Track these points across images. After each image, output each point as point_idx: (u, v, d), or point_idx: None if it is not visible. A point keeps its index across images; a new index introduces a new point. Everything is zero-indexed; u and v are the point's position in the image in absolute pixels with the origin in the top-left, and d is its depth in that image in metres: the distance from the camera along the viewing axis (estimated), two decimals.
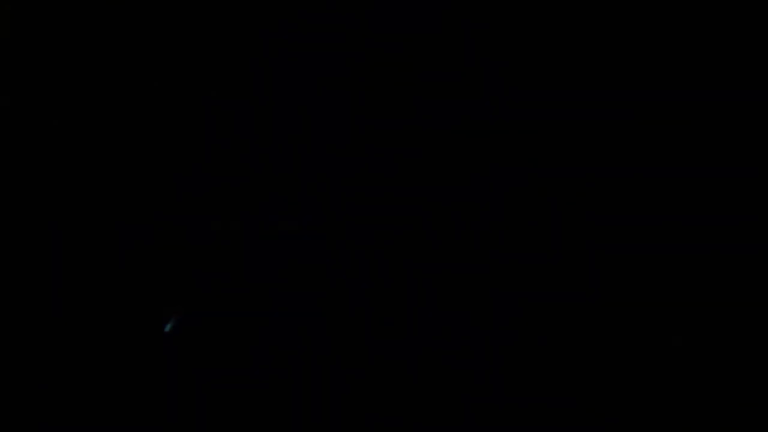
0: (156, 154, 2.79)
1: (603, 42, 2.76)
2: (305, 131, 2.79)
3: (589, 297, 2.68)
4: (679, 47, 2.75)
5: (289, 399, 2.67)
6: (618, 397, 2.62)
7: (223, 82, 2.80)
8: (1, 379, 2.67)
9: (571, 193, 2.72)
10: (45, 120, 2.80)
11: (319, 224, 2.75)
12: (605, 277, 2.68)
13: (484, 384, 2.64)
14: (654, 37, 2.75)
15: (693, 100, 2.72)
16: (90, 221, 2.75)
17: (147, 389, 2.67)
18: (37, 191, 2.77)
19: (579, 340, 2.66)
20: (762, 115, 2.72)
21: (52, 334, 2.70)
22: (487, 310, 2.68)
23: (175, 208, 2.77)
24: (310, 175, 2.77)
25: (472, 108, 2.76)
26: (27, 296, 2.72)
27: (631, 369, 2.64)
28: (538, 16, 2.77)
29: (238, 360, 2.69)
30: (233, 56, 2.81)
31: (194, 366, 2.69)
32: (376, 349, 2.68)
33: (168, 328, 2.67)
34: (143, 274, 2.73)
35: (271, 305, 2.71)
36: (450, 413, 2.64)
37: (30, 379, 2.68)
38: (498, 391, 2.64)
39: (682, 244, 2.68)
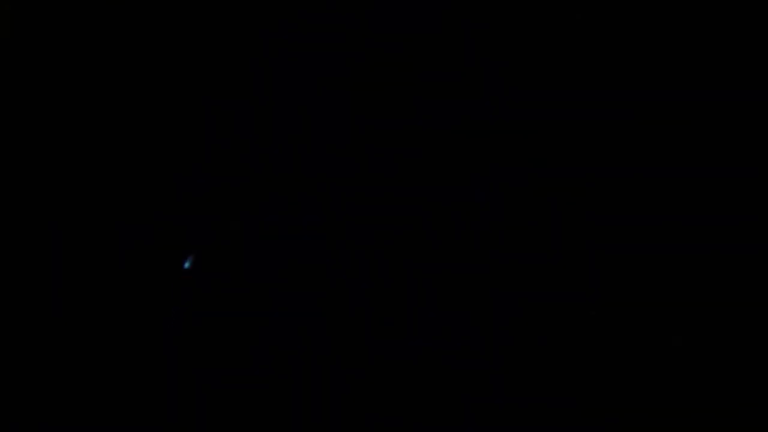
0: (156, 154, 2.79)
1: (603, 42, 2.76)
2: (305, 131, 2.78)
3: (589, 297, 2.67)
4: (679, 47, 2.75)
5: (289, 399, 2.66)
6: (618, 397, 2.62)
7: (223, 82, 2.80)
8: (1, 379, 2.67)
9: (571, 193, 2.72)
10: (45, 120, 2.80)
11: (319, 224, 2.75)
12: (605, 277, 2.68)
13: (484, 384, 2.64)
14: (654, 37, 2.75)
15: (693, 100, 2.72)
16: (90, 221, 2.75)
17: (147, 389, 2.67)
18: (37, 191, 2.77)
19: (579, 340, 2.66)
20: (762, 115, 2.72)
21: (52, 334, 2.70)
22: (487, 310, 2.68)
23: (175, 208, 2.77)
24: (310, 175, 2.77)
25: (472, 108, 2.76)
26: (27, 296, 2.72)
27: (631, 369, 2.64)
28: (538, 16, 2.77)
29: (238, 360, 2.69)
30: (233, 56, 2.81)
31: (194, 366, 2.68)
32: (376, 349, 2.68)
33: (187, 265, 2.67)
34: (143, 274, 2.73)
35: (271, 305, 2.71)
36: (450, 413, 2.64)
37: (30, 379, 2.68)
38: (498, 391, 2.64)
39: (682, 244, 2.68)
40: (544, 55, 2.77)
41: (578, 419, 2.62)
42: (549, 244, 2.70)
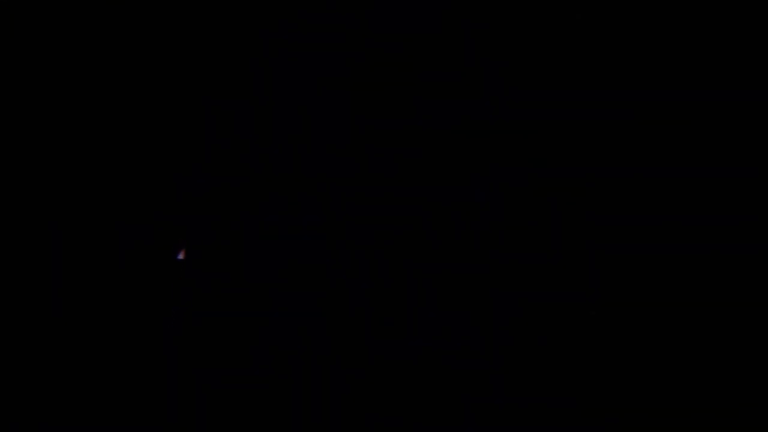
0: (156, 154, 2.79)
1: (603, 42, 2.76)
2: (305, 131, 2.79)
3: (589, 297, 2.68)
4: (679, 47, 2.75)
5: (289, 399, 2.67)
6: (618, 397, 2.63)
7: (223, 82, 2.80)
8: (1, 379, 2.67)
9: (571, 193, 2.72)
10: (45, 120, 2.80)
11: (319, 224, 2.75)
12: (605, 277, 2.68)
13: (484, 384, 2.65)
14: (654, 37, 2.76)
15: (693, 100, 2.73)
16: (90, 221, 2.75)
17: (147, 389, 2.67)
18: (37, 191, 2.77)
19: (579, 340, 2.66)
20: (762, 115, 2.72)
21: (52, 334, 2.70)
22: (487, 310, 2.69)
23: (175, 208, 2.77)
24: (310, 175, 2.77)
25: (472, 108, 2.76)
26: (27, 296, 2.72)
27: (631, 369, 2.64)
28: (538, 16, 2.78)
29: (238, 360, 2.69)
30: (233, 56, 2.81)
31: (194, 366, 2.69)
32: (376, 349, 2.68)
33: (179, 256, 2.68)
34: (143, 274, 2.73)
35: (271, 305, 2.71)
36: (450, 413, 2.64)
37: (30, 379, 2.68)
38: (498, 391, 2.64)
39: (682, 244, 2.68)
40: (544, 55, 2.77)
41: (578, 419, 2.62)
42: (549, 244, 2.70)
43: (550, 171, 2.73)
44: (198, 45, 2.81)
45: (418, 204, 2.74)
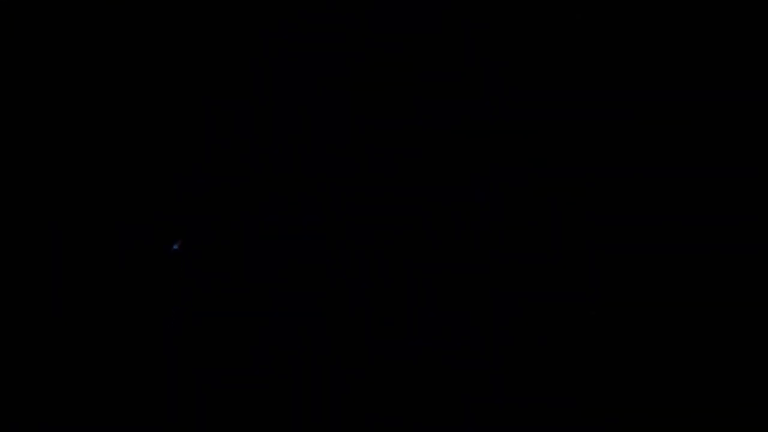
0: (156, 154, 2.79)
1: (603, 42, 2.76)
2: (305, 131, 2.78)
3: (589, 297, 2.67)
4: (679, 47, 2.75)
5: (289, 399, 2.66)
6: (618, 397, 2.62)
7: (223, 82, 2.80)
8: (1, 379, 2.67)
9: (571, 193, 2.72)
10: (44, 120, 2.80)
11: (319, 224, 2.75)
12: (605, 277, 2.68)
13: (484, 384, 2.64)
14: (654, 37, 2.75)
15: (693, 100, 2.72)
16: (90, 221, 2.75)
17: (147, 389, 2.67)
18: (37, 191, 2.77)
19: (579, 340, 2.66)
20: (762, 115, 2.72)
21: (52, 334, 2.70)
22: (487, 310, 2.68)
23: (175, 208, 2.77)
24: (310, 175, 2.77)
25: (472, 108, 2.76)
26: (27, 296, 2.72)
27: (630, 369, 2.64)
28: (538, 16, 2.77)
29: (238, 360, 2.69)
30: (233, 56, 2.81)
31: (194, 366, 2.68)
32: (376, 349, 2.68)
33: (175, 247, 2.68)
34: (143, 274, 2.73)
35: (271, 305, 2.71)
36: (450, 413, 2.64)
37: (30, 379, 2.68)
38: (498, 391, 2.64)
39: (681, 244, 2.68)
40: (544, 55, 2.77)
41: (578, 419, 2.62)
42: (549, 244, 2.70)
43: (550, 171, 2.73)
44: (198, 45, 2.81)
45: (418, 204, 2.74)
